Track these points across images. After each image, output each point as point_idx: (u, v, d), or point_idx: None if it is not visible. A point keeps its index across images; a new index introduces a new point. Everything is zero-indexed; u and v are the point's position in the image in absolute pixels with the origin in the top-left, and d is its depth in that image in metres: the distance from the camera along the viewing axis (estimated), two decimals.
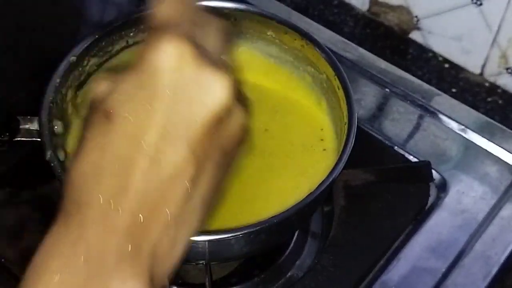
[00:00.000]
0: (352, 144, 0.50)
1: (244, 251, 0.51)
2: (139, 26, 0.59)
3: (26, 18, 0.70)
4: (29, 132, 0.52)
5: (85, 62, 0.56)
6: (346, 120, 0.53)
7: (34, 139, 0.51)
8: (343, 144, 0.51)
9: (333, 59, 0.57)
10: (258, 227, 0.46)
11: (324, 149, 0.57)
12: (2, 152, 0.56)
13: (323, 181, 0.48)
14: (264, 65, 0.63)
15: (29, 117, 0.52)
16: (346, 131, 0.52)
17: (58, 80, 0.53)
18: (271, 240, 0.52)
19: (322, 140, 0.58)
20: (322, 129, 0.59)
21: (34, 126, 0.51)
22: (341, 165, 0.49)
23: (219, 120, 0.32)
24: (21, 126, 0.52)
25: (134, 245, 0.29)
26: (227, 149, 0.33)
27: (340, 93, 0.55)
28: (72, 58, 0.54)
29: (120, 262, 0.29)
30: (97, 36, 0.56)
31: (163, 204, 0.30)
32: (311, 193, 0.47)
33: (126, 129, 0.30)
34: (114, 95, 0.31)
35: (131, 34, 0.59)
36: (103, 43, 0.57)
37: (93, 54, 0.57)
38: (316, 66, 0.59)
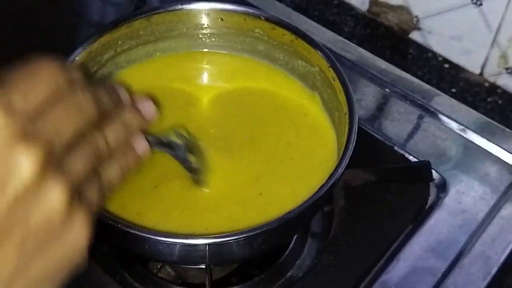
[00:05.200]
0: (354, 144, 0.50)
1: (245, 254, 0.51)
2: (127, 33, 0.59)
3: (26, 18, 0.70)
4: None
5: None
6: (346, 110, 0.53)
7: None
8: (344, 144, 0.51)
9: (325, 50, 0.57)
10: (258, 231, 0.45)
11: (322, 144, 0.57)
12: None
13: (323, 185, 0.48)
14: (252, 66, 0.63)
15: None
16: (347, 128, 0.52)
17: None
18: (271, 243, 0.52)
19: (318, 134, 0.58)
20: (318, 123, 0.59)
21: None
22: (343, 167, 0.49)
23: (19, 202, 0.30)
24: None
25: None
26: (36, 235, 0.31)
27: (336, 84, 0.55)
28: None
29: None
30: (87, 47, 0.56)
31: None
32: (311, 196, 0.47)
33: None
34: None
35: (119, 42, 0.59)
36: (93, 54, 0.57)
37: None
38: (307, 59, 0.59)
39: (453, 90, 0.75)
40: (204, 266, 0.53)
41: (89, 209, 0.33)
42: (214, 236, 0.45)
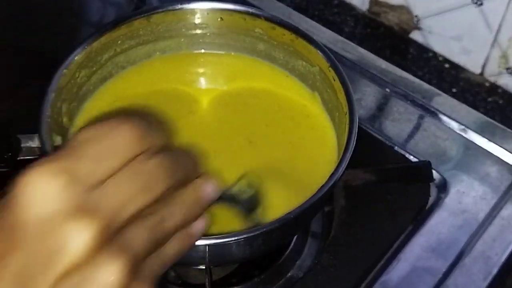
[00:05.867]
0: (354, 144, 0.50)
1: (245, 255, 0.51)
2: (126, 33, 0.59)
3: (26, 18, 0.70)
4: (30, 150, 0.50)
5: (77, 74, 0.56)
6: (346, 110, 0.53)
7: (36, 156, 0.50)
8: (344, 144, 0.50)
9: (325, 50, 0.57)
10: (258, 232, 0.45)
11: (322, 144, 0.57)
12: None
13: (323, 185, 0.47)
14: (252, 66, 0.63)
15: (29, 134, 0.51)
16: (347, 128, 0.52)
17: (53, 95, 0.52)
18: (271, 244, 0.52)
19: (318, 135, 0.58)
20: (318, 123, 0.59)
21: (35, 143, 0.50)
22: (343, 167, 0.48)
23: (71, 276, 0.29)
24: (22, 145, 0.50)
25: None
26: None
27: (337, 84, 0.55)
28: (64, 71, 0.54)
29: None
30: (86, 47, 0.56)
31: None
32: (311, 197, 0.47)
33: None
34: None
35: (119, 42, 0.59)
36: (93, 54, 0.57)
37: (84, 66, 0.57)
38: (308, 59, 0.59)
39: (454, 90, 0.75)
40: (204, 267, 0.53)
41: (150, 282, 0.32)
42: (214, 237, 0.45)
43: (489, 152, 0.65)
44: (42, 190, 0.29)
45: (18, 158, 0.51)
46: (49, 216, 0.29)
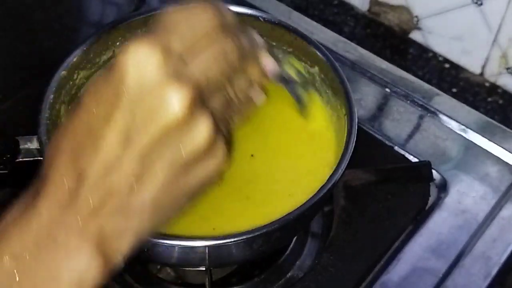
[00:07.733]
0: (354, 145, 0.50)
1: (245, 256, 0.51)
2: (125, 34, 0.59)
3: (26, 18, 0.70)
4: (29, 152, 0.51)
5: (75, 76, 0.56)
6: (345, 111, 0.53)
7: (35, 158, 0.51)
8: (343, 145, 0.50)
9: (324, 51, 0.57)
10: (258, 233, 0.45)
11: (322, 145, 0.57)
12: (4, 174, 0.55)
13: (322, 187, 0.47)
14: None
15: (27, 136, 0.51)
16: (347, 129, 0.51)
17: (51, 97, 0.53)
18: (271, 245, 0.51)
19: (318, 135, 0.58)
20: (317, 125, 0.59)
21: (33, 145, 0.51)
22: (342, 169, 0.48)
23: (171, 131, 0.34)
24: (21, 147, 0.51)
25: (83, 221, 0.34)
26: (185, 160, 0.35)
27: (336, 84, 0.55)
28: (62, 73, 0.54)
29: (68, 235, 0.34)
30: (85, 49, 0.56)
31: (110, 193, 0.34)
32: (310, 198, 0.47)
33: (88, 120, 0.34)
34: (88, 87, 0.35)
35: (117, 43, 0.59)
36: (91, 55, 0.57)
37: (82, 67, 0.57)
38: (307, 60, 0.59)
39: (454, 90, 0.75)
40: (204, 268, 0.53)
41: (225, 140, 0.38)
42: (213, 238, 0.45)
43: (489, 152, 0.65)
44: (141, 60, 0.33)
45: (17, 160, 0.51)
46: (148, 82, 0.33)
